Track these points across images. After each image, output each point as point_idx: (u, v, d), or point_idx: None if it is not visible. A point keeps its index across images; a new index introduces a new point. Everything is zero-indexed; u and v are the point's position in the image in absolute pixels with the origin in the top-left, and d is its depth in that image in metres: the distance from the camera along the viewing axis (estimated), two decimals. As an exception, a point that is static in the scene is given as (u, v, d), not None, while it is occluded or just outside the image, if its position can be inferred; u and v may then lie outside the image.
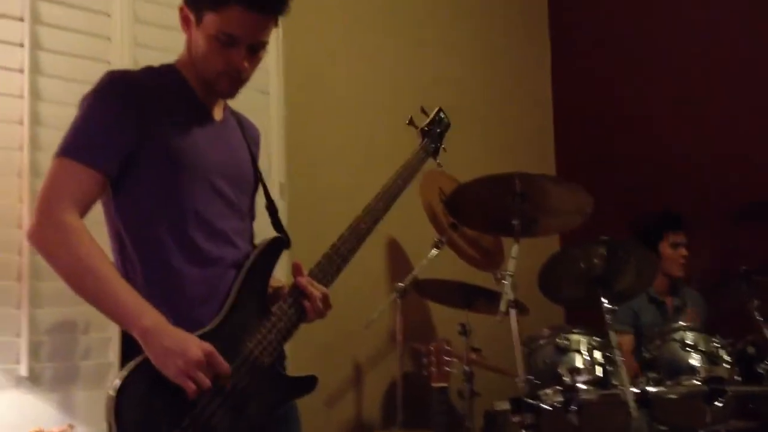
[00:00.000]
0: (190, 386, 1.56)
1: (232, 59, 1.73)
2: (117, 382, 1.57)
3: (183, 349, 1.56)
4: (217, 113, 1.88)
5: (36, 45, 2.66)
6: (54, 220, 1.61)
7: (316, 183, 3.49)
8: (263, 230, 1.98)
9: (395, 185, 2.03)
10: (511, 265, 2.53)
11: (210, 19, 1.70)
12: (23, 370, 2.51)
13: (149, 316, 1.59)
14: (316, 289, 1.79)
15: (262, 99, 3.28)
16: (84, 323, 2.69)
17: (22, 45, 2.62)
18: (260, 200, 2.03)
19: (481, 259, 3.63)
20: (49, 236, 1.62)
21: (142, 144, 1.69)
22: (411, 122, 2.27)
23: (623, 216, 3.90)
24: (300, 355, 3.24)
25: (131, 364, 1.58)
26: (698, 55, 4.24)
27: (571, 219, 2.82)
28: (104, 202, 1.76)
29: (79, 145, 1.68)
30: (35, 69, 2.65)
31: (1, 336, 2.51)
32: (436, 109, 2.33)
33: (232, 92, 1.82)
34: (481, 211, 2.73)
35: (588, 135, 4.69)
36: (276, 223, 1.96)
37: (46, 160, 2.60)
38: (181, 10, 1.78)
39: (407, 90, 3.98)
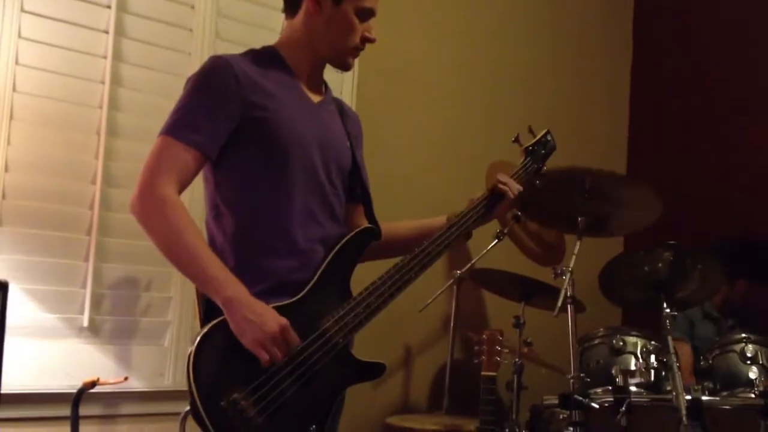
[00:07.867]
0: (264, 356, 1.65)
1: (368, 31, 1.92)
2: (198, 337, 1.66)
3: (261, 321, 1.65)
4: (315, 97, 1.97)
5: (120, 32, 2.75)
6: (154, 193, 1.72)
7: (380, 173, 3.49)
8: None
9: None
10: (571, 262, 2.50)
11: None
12: (85, 320, 2.60)
13: (233, 287, 1.69)
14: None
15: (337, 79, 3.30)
16: (146, 281, 2.76)
17: (107, 32, 2.71)
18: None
19: (541, 254, 3.59)
20: (148, 208, 1.73)
21: (242, 125, 1.79)
22: (517, 140, 2.25)
23: (691, 224, 3.80)
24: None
25: (213, 323, 1.67)
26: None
27: (638, 222, 2.76)
28: (205, 176, 1.87)
29: (182, 125, 1.77)
30: (117, 56, 2.73)
31: (67, 286, 2.60)
32: (544, 131, 2.31)
33: (352, 64, 1.98)
34: (547, 205, 2.69)
35: (663, 140, 4.59)
36: (369, 213, 2.03)
37: (123, 119, 2.71)
38: None
39: (483, 84, 3.97)
